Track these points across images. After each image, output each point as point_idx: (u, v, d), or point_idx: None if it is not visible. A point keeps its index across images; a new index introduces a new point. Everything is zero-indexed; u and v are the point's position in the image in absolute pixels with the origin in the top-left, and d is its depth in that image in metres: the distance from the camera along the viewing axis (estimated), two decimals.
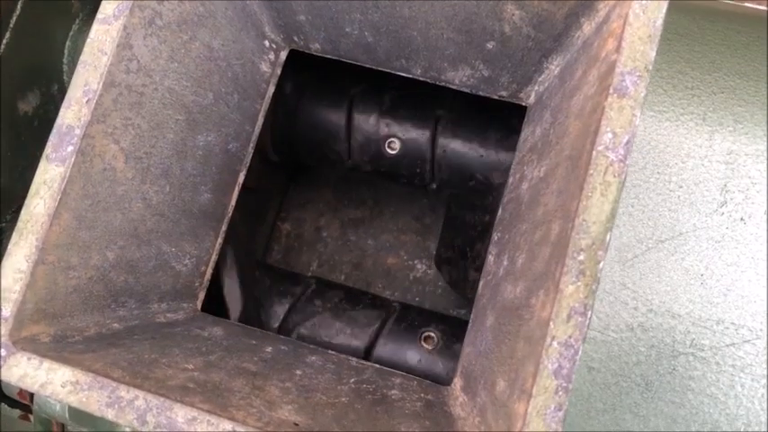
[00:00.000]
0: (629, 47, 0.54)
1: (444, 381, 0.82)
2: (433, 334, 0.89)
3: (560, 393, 0.49)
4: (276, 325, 0.89)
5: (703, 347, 0.68)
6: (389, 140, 0.99)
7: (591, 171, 0.52)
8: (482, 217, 0.97)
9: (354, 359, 0.72)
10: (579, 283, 0.50)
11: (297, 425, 0.53)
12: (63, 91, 1.03)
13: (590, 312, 0.51)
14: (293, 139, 1.00)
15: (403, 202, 1.22)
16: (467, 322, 1.08)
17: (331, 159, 1.03)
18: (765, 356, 0.68)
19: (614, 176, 0.51)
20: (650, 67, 0.54)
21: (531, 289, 0.56)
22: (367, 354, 0.87)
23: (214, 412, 0.52)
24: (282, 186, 1.23)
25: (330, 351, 0.72)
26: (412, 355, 0.87)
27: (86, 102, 0.58)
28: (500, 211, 0.72)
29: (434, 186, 1.00)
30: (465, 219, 1.01)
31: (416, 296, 1.19)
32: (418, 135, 0.97)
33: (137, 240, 0.66)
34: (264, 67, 0.77)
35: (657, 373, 0.68)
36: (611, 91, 0.53)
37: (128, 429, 0.78)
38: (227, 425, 0.51)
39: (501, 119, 0.94)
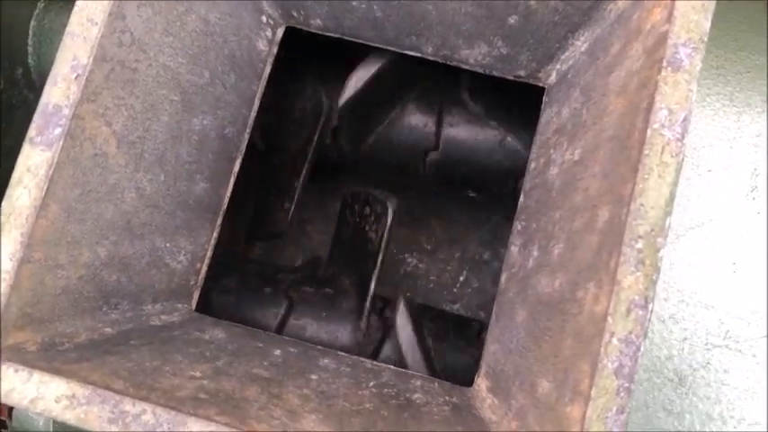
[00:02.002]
0: (681, 17, 0.49)
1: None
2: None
3: (622, 394, 0.44)
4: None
5: (738, 339, 0.64)
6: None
7: (646, 151, 0.47)
8: None
9: (368, 361, 0.66)
10: (639, 274, 0.45)
11: None
12: (28, 75, 0.95)
13: (651, 305, 0.46)
14: (282, 127, 0.94)
15: (391, 192, 1.16)
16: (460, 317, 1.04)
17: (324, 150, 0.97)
18: None
19: (672, 156, 0.47)
20: (705, 39, 0.50)
21: (577, 281, 0.51)
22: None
23: (233, 425, 0.46)
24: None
25: (341, 353, 0.67)
26: None
27: (75, 78, 0.51)
28: (522, 198, 0.67)
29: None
30: None
31: (407, 291, 1.14)
32: (420, 125, 0.92)
33: (130, 235, 0.59)
34: (261, 45, 0.71)
35: (691, 367, 0.65)
36: (663, 64, 0.49)
37: None
38: None
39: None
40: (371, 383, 0.60)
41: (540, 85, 0.70)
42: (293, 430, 0.47)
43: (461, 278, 1.12)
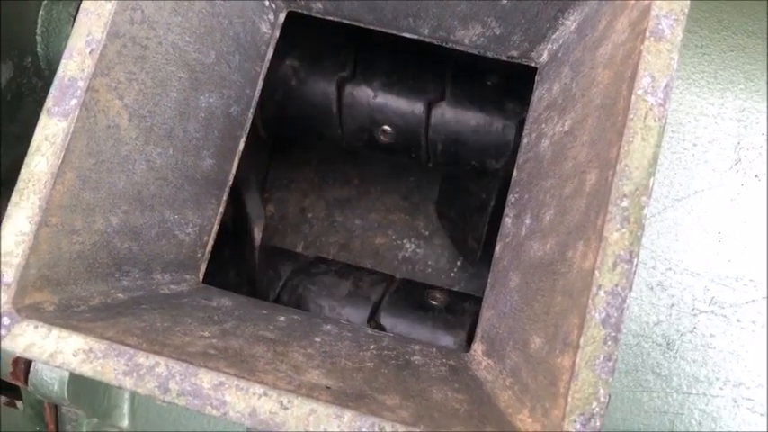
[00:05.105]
0: None
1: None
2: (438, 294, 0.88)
3: (609, 343, 0.47)
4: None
5: (723, 305, 0.67)
6: (382, 127, 0.95)
7: (630, 116, 0.50)
8: (480, 190, 0.96)
9: (369, 328, 0.69)
10: (624, 230, 0.48)
11: (329, 387, 0.50)
12: (36, 64, 0.98)
13: (636, 260, 0.49)
14: (284, 115, 0.97)
15: (390, 179, 1.20)
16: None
17: (323, 138, 1.00)
18: None
19: (655, 121, 0.50)
20: (686, 10, 0.53)
21: (566, 243, 0.54)
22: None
23: (242, 376, 0.48)
24: (264, 164, 1.18)
25: (342, 320, 0.70)
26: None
27: (90, 52, 0.54)
28: (515, 172, 0.70)
29: (431, 164, 0.98)
30: (463, 188, 1.00)
31: (406, 276, 1.16)
32: (412, 117, 0.94)
33: (140, 205, 0.62)
34: (264, 28, 0.74)
35: (678, 332, 0.67)
36: (647, 35, 0.52)
37: (126, 409, 0.74)
38: (258, 388, 0.48)
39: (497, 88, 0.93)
40: (372, 346, 0.62)
41: (533, 64, 0.73)
42: (298, 382, 0.50)
43: (458, 263, 1.15)
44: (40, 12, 0.96)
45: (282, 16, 0.77)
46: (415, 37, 0.75)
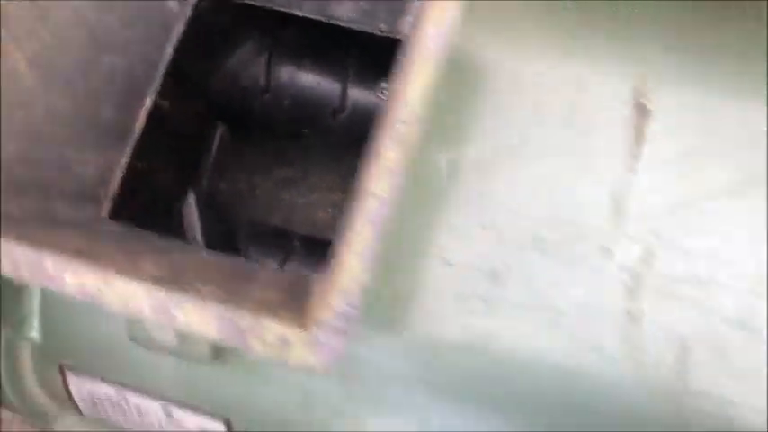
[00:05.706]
0: None
1: None
2: None
3: (373, 239, 0.57)
4: None
5: (546, 241, 0.75)
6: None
7: (413, 58, 0.60)
8: None
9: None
10: (396, 149, 0.58)
11: (155, 276, 0.61)
12: None
13: (403, 172, 0.59)
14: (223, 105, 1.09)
15: (331, 161, 1.30)
16: None
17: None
18: (599, 249, 0.75)
19: (430, 61, 0.60)
20: None
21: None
22: None
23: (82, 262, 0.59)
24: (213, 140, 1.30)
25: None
26: None
27: None
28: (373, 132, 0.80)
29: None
30: None
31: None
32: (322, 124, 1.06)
33: (39, 140, 0.74)
34: (171, 5, 0.86)
35: (505, 264, 0.76)
36: None
37: (36, 320, 0.85)
38: (92, 271, 0.58)
39: None
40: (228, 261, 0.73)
41: (400, 37, 0.84)
42: (132, 270, 0.61)
43: None
44: None
45: None
46: (300, 14, 0.86)
